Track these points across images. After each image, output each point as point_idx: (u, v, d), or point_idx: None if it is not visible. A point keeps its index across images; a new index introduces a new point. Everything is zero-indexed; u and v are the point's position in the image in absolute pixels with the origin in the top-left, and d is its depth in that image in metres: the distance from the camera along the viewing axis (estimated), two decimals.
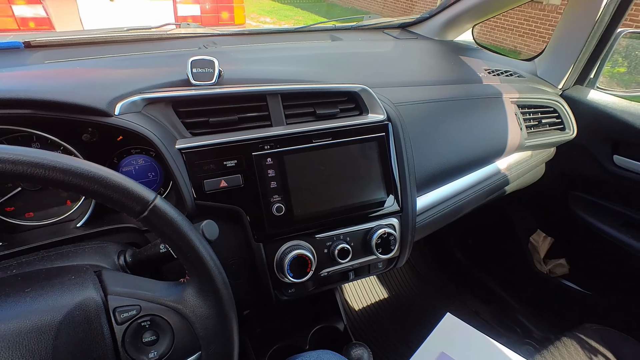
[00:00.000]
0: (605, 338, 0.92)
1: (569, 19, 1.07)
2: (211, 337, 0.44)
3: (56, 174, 0.34)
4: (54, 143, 0.59)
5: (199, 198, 0.60)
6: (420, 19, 1.28)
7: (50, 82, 0.61)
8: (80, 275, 0.43)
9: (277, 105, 0.68)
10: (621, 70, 1.35)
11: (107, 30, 0.97)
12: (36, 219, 0.61)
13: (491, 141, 0.95)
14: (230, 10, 3.16)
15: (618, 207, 1.16)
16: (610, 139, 1.10)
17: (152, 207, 0.39)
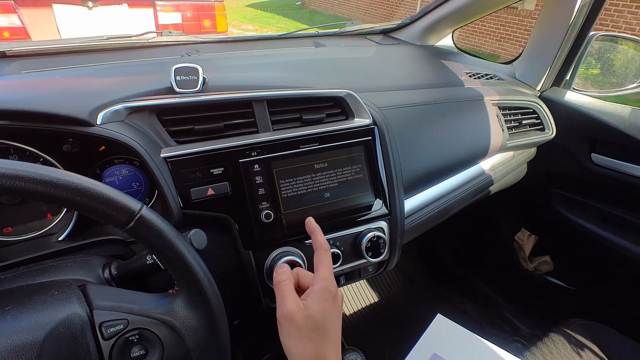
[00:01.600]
0: (590, 332, 0.94)
1: (544, 23, 1.11)
2: (202, 349, 0.43)
3: (37, 186, 0.33)
4: (32, 154, 0.57)
5: (185, 207, 0.59)
6: (401, 25, 1.31)
7: (28, 92, 0.60)
8: (63, 291, 0.41)
9: (263, 112, 0.68)
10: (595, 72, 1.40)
11: (86, 39, 0.95)
12: (15, 233, 0.59)
13: (475, 142, 0.97)
14: (212, 18, 3.14)
15: (597, 204, 1.19)
16: (587, 138, 1.13)
17: (138, 217, 0.38)
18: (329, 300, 0.46)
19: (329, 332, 0.46)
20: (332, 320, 0.46)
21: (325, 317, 0.45)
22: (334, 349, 0.46)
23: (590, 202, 1.21)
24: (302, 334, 0.45)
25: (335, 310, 0.47)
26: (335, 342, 0.46)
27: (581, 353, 0.90)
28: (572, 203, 1.24)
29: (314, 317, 0.45)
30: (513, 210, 1.48)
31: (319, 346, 0.44)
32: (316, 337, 0.45)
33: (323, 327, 0.45)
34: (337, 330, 0.47)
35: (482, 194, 1.06)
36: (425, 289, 1.60)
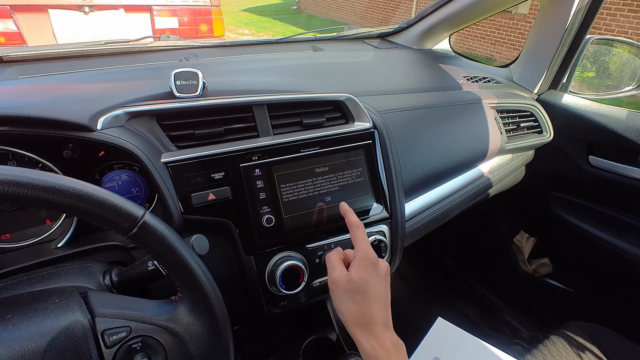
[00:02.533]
0: (590, 334, 0.94)
1: (541, 27, 1.12)
2: (206, 356, 0.43)
3: (40, 193, 0.33)
4: (31, 160, 0.57)
5: (186, 212, 0.59)
6: (398, 29, 1.31)
7: (27, 98, 0.59)
8: (64, 298, 0.41)
9: (263, 116, 0.68)
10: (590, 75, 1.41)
11: (83, 44, 0.95)
12: (14, 240, 0.58)
13: (473, 145, 0.97)
14: (209, 23, 3.14)
15: (595, 206, 1.20)
16: (584, 140, 1.14)
17: (141, 223, 0.38)
18: (369, 268, 0.53)
19: (371, 294, 0.52)
20: (374, 284, 0.52)
21: (365, 281, 0.52)
22: (378, 309, 0.52)
23: (588, 204, 1.21)
24: (347, 296, 0.52)
25: (377, 276, 0.53)
26: (378, 303, 0.52)
27: (581, 355, 0.90)
28: (570, 205, 1.24)
29: (356, 282, 0.51)
30: (512, 213, 1.48)
31: (362, 306, 0.51)
32: (359, 299, 0.51)
33: (365, 290, 0.51)
34: (380, 293, 0.53)
35: (481, 196, 1.07)
36: (425, 293, 1.59)
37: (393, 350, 0.50)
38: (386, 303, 0.53)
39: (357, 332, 0.51)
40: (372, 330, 0.50)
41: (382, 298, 0.53)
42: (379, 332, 0.50)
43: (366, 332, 0.51)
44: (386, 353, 0.49)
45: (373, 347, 0.50)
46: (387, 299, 0.54)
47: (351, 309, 0.52)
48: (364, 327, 0.51)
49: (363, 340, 0.50)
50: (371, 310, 0.51)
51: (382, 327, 0.51)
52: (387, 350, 0.49)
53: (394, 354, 0.50)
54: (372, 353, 0.49)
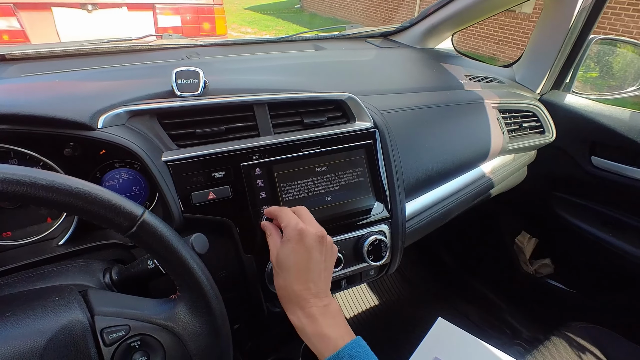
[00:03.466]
0: (592, 335, 0.94)
1: (544, 26, 1.11)
2: (205, 355, 0.43)
3: (39, 191, 0.33)
4: (32, 158, 0.57)
5: (186, 211, 0.59)
6: (401, 28, 1.31)
7: (29, 96, 0.59)
8: (64, 296, 0.41)
9: (264, 115, 0.68)
10: (594, 75, 1.40)
11: (86, 42, 0.95)
12: (15, 238, 0.58)
13: (475, 145, 0.97)
14: (212, 21, 3.14)
15: (597, 207, 1.19)
16: (587, 140, 1.13)
17: (140, 222, 0.38)
18: (293, 241, 0.54)
19: (296, 270, 0.53)
20: (299, 259, 0.53)
21: (288, 257, 0.53)
22: (300, 283, 0.53)
23: (591, 204, 1.21)
24: (276, 272, 0.55)
25: (300, 248, 0.54)
26: (301, 276, 0.53)
27: (582, 356, 0.90)
28: (572, 206, 1.24)
29: (281, 258, 0.54)
30: (513, 213, 1.48)
31: (286, 281, 0.53)
32: (284, 275, 0.54)
33: (288, 266, 0.53)
34: (307, 266, 0.53)
35: (483, 196, 1.06)
36: (426, 292, 1.59)
37: (319, 316, 0.51)
38: (317, 275, 0.54)
39: (286, 306, 0.54)
40: (297, 303, 0.52)
41: (309, 271, 0.53)
42: (304, 302, 0.52)
43: (292, 306, 0.53)
44: (311, 321, 0.51)
45: (298, 318, 0.52)
46: (318, 269, 0.54)
47: (279, 284, 0.54)
48: (290, 301, 0.53)
49: (289, 313, 0.53)
50: (294, 285, 0.53)
51: (309, 297, 0.52)
52: (312, 318, 0.51)
53: (320, 319, 0.51)
54: (298, 323, 0.52)
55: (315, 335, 0.50)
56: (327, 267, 0.57)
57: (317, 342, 0.50)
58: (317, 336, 0.50)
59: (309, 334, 0.50)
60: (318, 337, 0.50)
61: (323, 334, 0.50)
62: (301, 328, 0.51)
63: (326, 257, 0.56)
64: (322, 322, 0.50)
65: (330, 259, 0.58)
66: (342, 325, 0.52)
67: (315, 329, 0.50)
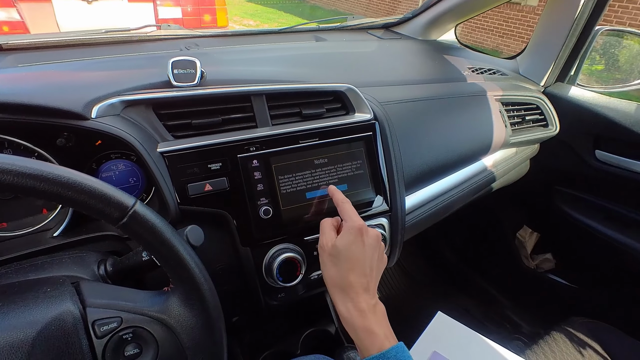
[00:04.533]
0: (592, 331, 0.93)
1: (549, 17, 1.09)
2: (198, 348, 0.42)
3: (26, 180, 0.32)
4: (27, 149, 0.56)
5: (182, 203, 0.58)
6: (403, 19, 1.29)
7: (22, 85, 0.59)
8: (56, 288, 0.40)
9: (262, 106, 0.67)
10: (599, 68, 1.38)
11: (83, 33, 0.94)
12: (10, 229, 0.58)
13: (477, 138, 0.95)
14: (213, 13, 3.12)
15: (601, 201, 1.18)
16: (591, 134, 1.12)
17: (131, 212, 0.37)
18: (354, 235, 0.54)
19: (352, 261, 0.53)
20: (355, 250, 0.54)
21: (347, 248, 0.54)
22: (357, 275, 0.53)
23: (594, 199, 1.19)
24: (330, 260, 0.55)
25: (361, 243, 0.54)
26: (358, 269, 0.53)
27: (583, 351, 0.89)
28: (575, 200, 1.23)
29: (338, 248, 0.54)
30: (515, 207, 1.47)
31: (341, 270, 0.53)
32: (340, 264, 0.53)
33: (346, 256, 0.53)
34: (362, 259, 0.54)
35: (484, 190, 1.05)
36: (425, 286, 1.59)
37: (369, 312, 0.51)
38: (369, 270, 0.55)
39: (335, 295, 0.54)
40: (348, 293, 0.52)
41: (364, 265, 0.54)
42: (356, 295, 0.52)
43: (343, 295, 0.53)
44: (360, 314, 0.51)
45: (348, 309, 0.51)
46: (371, 266, 0.55)
47: (331, 273, 0.54)
48: (342, 290, 0.53)
49: (339, 303, 0.53)
50: (349, 275, 0.53)
51: (360, 291, 0.52)
52: (362, 312, 0.51)
53: (369, 315, 0.51)
54: (347, 315, 0.52)
55: (363, 330, 0.50)
56: (379, 268, 0.58)
57: (364, 336, 0.50)
58: (365, 331, 0.50)
59: (356, 327, 0.50)
60: (365, 332, 0.50)
61: (371, 330, 0.50)
62: (350, 320, 0.51)
63: (379, 258, 0.57)
64: (371, 318, 0.51)
65: (381, 262, 0.59)
66: (387, 326, 0.52)
67: (363, 323, 0.50)
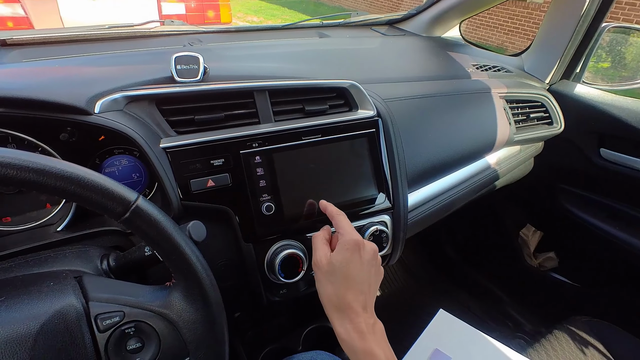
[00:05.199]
0: (595, 330, 0.93)
1: (555, 14, 1.08)
2: (200, 342, 0.42)
3: (29, 174, 0.32)
4: (31, 144, 0.56)
5: (185, 198, 0.58)
6: (407, 16, 1.28)
7: (26, 80, 0.59)
8: (59, 282, 0.41)
9: (264, 102, 0.67)
10: (605, 65, 1.36)
11: (88, 28, 0.94)
12: (14, 223, 0.58)
13: (481, 136, 0.95)
14: (216, 9, 3.12)
15: (605, 200, 1.17)
16: (596, 132, 1.11)
17: (134, 207, 0.37)
18: (350, 250, 0.52)
19: (349, 278, 0.51)
20: (353, 268, 0.52)
21: (344, 265, 0.51)
22: (355, 293, 0.51)
23: (598, 198, 1.18)
24: (325, 278, 0.52)
25: (358, 260, 0.52)
26: (356, 287, 0.51)
27: (585, 350, 0.89)
28: (579, 199, 1.22)
29: (335, 265, 0.52)
30: (518, 206, 1.46)
31: (339, 289, 0.51)
32: (336, 282, 0.51)
33: (343, 274, 0.51)
34: (360, 277, 0.52)
35: (487, 188, 1.05)
36: (427, 284, 1.59)
37: (368, 333, 0.49)
38: (367, 287, 0.53)
39: (333, 315, 0.52)
40: (347, 314, 0.50)
41: (362, 282, 0.52)
42: (355, 316, 0.50)
43: (341, 315, 0.51)
44: (360, 336, 0.49)
45: (347, 330, 0.50)
46: (369, 283, 0.53)
47: (328, 292, 0.52)
48: (339, 310, 0.51)
49: (337, 324, 0.51)
50: (347, 294, 0.51)
51: (359, 310, 0.50)
52: (361, 333, 0.49)
53: (369, 336, 0.49)
54: (346, 336, 0.50)
55: (363, 352, 0.48)
56: (376, 284, 0.56)
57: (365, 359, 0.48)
58: (365, 354, 0.48)
59: (356, 349, 0.49)
60: (366, 355, 0.48)
61: (372, 352, 0.48)
62: (349, 342, 0.49)
63: (376, 273, 0.55)
64: (371, 339, 0.49)
65: (378, 277, 0.56)
66: (387, 348, 0.50)
67: (364, 345, 0.48)
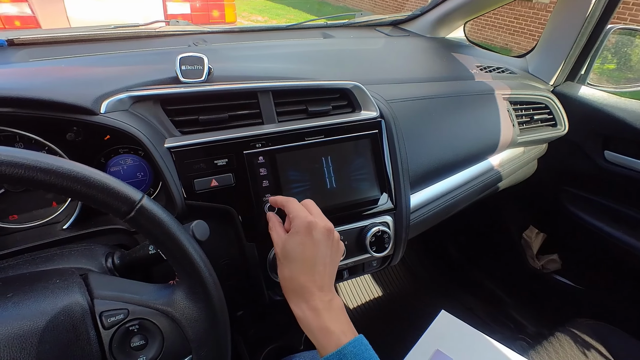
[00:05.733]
0: (597, 332, 0.93)
1: (560, 15, 1.07)
2: (202, 340, 0.43)
3: (36, 173, 0.33)
4: (38, 143, 0.57)
5: (189, 198, 0.59)
6: (411, 16, 1.28)
7: (33, 80, 0.60)
8: (65, 279, 0.41)
9: (268, 103, 0.67)
10: (610, 67, 1.36)
11: (94, 28, 0.95)
12: (20, 221, 0.59)
13: (484, 137, 0.95)
14: (221, 9, 3.13)
15: (609, 202, 1.17)
16: (601, 134, 1.10)
17: (139, 207, 0.38)
18: (302, 233, 0.53)
19: (304, 260, 0.52)
20: (307, 250, 0.53)
21: (297, 249, 0.53)
22: (308, 275, 0.52)
23: (602, 200, 1.18)
24: (281, 263, 0.55)
25: (309, 241, 0.53)
26: (308, 269, 0.52)
27: (587, 353, 0.89)
28: (583, 201, 1.21)
29: (287, 250, 0.53)
30: (522, 207, 1.46)
31: (292, 272, 0.53)
32: (291, 265, 0.53)
33: (296, 258, 0.53)
34: (314, 258, 0.53)
35: (490, 190, 1.05)
36: (429, 285, 1.59)
37: (323, 310, 0.50)
38: (322, 267, 0.53)
39: (290, 297, 0.53)
40: (301, 295, 0.52)
41: (316, 263, 0.53)
42: (309, 295, 0.51)
43: (296, 298, 0.52)
44: (314, 314, 0.50)
45: (302, 310, 0.51)
46: (324, 263, 0.53)
47: (285, 275, 0.54)
48: (295, 293, 0.53)
49: (294, 305, 0.53)
50: (301, 276, 0.52)
51: (315, 290, 0.52)
52: (316, 311, 0.50)
53: (324, 313, 0.50)
54: (302, 316, 0.51)
55: (318, 329, 0.49)
56: (333, 262, 0.56)
57: (320, 336, 0.49)
58: (320, 330, 0.49)
59: (312, 327, 0.50)
60: (321, 331, 0.49)
61: (326, 328, 0.49)
62: (304, 321, 0.51)
63: (332, 252, 0.56)
64: (325, 316, 0.50)
65: (336, 254, 0.57)
66: (344, 321, 0.51)
67: (318, 322, 0.50)
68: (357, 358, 0.46)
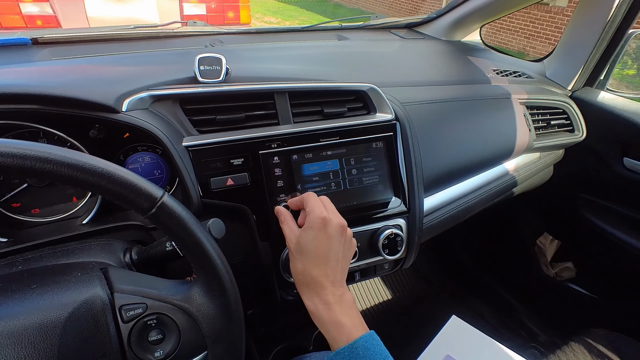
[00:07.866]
0: (613, 343, 0.91)
1: (580, 19, 1.06)
2: (218, 337, 0.43)
3: (64, 169, 0.34)
4: (60, 139, 0.59)
5: (205, 196, 0.60)
6: (427, 19, 1.28)
7: (58, 78, 0.61)
8: (86, 272, 0.42)
9: (284, 104, 0.68)
10: (631, 73, 1.33)
11: (114, 28, 0.97)
12: (42, 215, 0.61)
13: (499, 142, 0.94)
14: (236, 10, 3.16)
15: (627, 210, 1.14)
16: (620, 141, 1.08)
17: (160, 204, 0.38)
18: (316, 228, 0.54)
19: (318, 255, 0.53)
20: (320, 244, 0.53)
21: (311, 243, 0.53)
22: (320, 268, 0.53)
23: (619, 208, 1.15)
24: (295, 257, 0.55)
25: (323, 235, 0.54)
26: (322, 263, 0.53)
27: None
28: (600, 208, 1.19)
29: (302, 244, 0.54)
30: (536, 213, 1.43)
31: (306, 266, 0.53)
32: (305, 259, 0.54)
33: (311, 251, 0.53)
34: (328, 253, 0.54)
35: (505, 195, 1.03)
36: (441, 290, 1.57)
37: (335, 304, 0.51)
38: (335, 262, 0.54)
39: (302, 290, 0.54)
40: (314, 289, 0.53)
41: (329, 258, 0.54)
42: (321, 289, 0.52)
43: (309, 291, 0.53)
44: (326, 307, 0.51)
45: (314, 303, 0.52)
46: (337, 258, 0.54)
47: (298, 269, 0.54)
48: (307, 286, 0.53)
49: (306, 298, 0.53)
50: (314, 270, 0.53)
51: (327, 284, 0.52)
52: (328, 305, 0.51)
53: (335, 307, 0.51)
54: (314, 309, 0.52)
55: (330, 322, 0.50)
56: (346, 258, 0.57)
57: (332, 329, 0.50)
58: (332, 323, 0.50)
59: (324, 320, 0.51)
60: (333, 325, 0.50)
61: (338, 321, 0.50)
62: (316, 314, 0.51)
63: (345, 248, 0.56)
64: (337, 310, 0.51)
65: (349, 250, 0.58)
66: (355, 315, 0.52)
67: (330, 316, 0.50)
68: (369, 352, 0.47)
